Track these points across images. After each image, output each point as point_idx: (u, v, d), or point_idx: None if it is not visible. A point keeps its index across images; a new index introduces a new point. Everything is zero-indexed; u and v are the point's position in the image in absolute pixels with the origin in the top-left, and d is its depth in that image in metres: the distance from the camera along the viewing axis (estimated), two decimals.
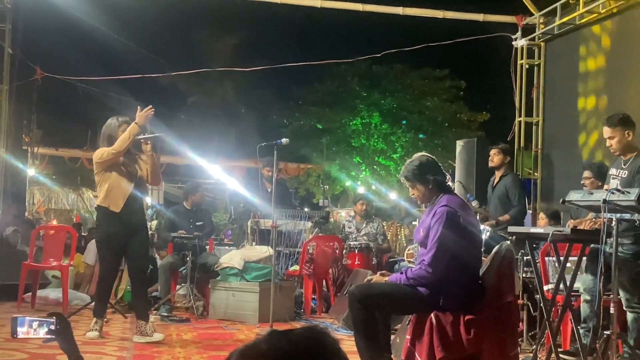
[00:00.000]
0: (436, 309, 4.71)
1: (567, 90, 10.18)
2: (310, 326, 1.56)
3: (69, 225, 11.80)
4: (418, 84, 27.99)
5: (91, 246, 10.77)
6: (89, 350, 6.23)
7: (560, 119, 10.38)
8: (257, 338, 1.55)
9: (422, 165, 5.03)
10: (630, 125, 6.00)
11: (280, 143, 7.89)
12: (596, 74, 9.49)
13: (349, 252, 10.03)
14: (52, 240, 9.55)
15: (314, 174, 27.88)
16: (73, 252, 9.66)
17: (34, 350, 6.14)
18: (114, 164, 6.87)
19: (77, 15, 13.65)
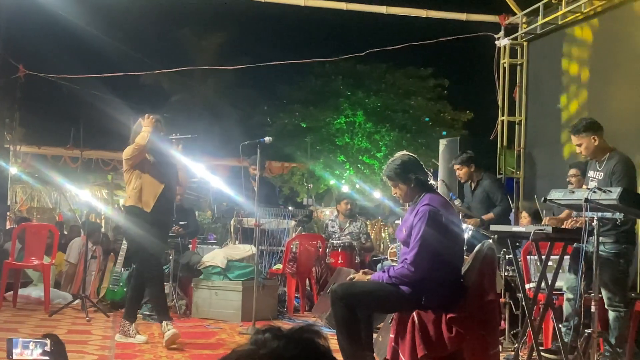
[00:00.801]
0: (418, 307, 4.72)
1: (549, 89, 10.21)
2: (304, 326, 1.55)
3: (50, 224, 11.73)
4: (402, 83, 28.05)
5: (74, 244, 10.72)
6: (71, 349, 6.19)
7: (542, 118, 10.41)
8: (250, 343, 1.52)
9: (404, 164, 5.03)
10: (595, 130, 6.05)
11: (264, 142, 7.89)
12: (578, 73, 9.52)
13: (332, 250, 10.04)
14: (33, 238, 9.50)
15: (298, 172, 27.87)
16: (55, 251, 9.62)
17: None
18: (145, 162, 6.82)
19: (60, 13, 13.58)
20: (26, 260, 9.33)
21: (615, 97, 8.64)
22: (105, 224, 18.88)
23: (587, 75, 9.32)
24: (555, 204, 5.77)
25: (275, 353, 1.46)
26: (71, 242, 10.91)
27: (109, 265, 9.97)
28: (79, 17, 15.31)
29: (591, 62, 9.25)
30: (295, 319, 8.81)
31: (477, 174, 8.66)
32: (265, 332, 1.51)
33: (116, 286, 9.08)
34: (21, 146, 17.75)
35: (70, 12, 14.12)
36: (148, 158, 6.86)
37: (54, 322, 7.79)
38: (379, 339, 5.70)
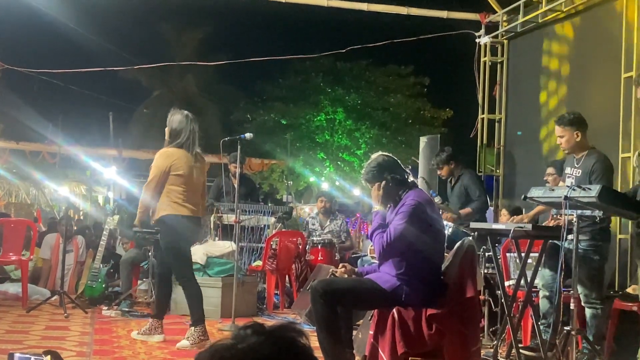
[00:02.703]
0: (398, 304, 4.73)
1: (529, 87, 10.25)
2: (286, 325, 1.54)
3: (28, 220, 11.64)
4: (382, 80, 28.12)
5: (48, 240, 10.62)
6: (48, 345, 6.15)
7: (522, 116, 10.46)
8: (231, 338, 1.51)
9: (380, 165, 5.03)
10: (579, 125, 6.09)
11: (244, 138, 7.87)
12: (558, 71, 9.57)
13: (312, 247, 10.03)
14: (11, 234, 9.42)
15: (277, 169, 27.87)
16: (33, 247, 9.54)
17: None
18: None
19: (39, 7, 13.48)
20: (4, 256, 9.25)
21: (594, 95, 8.69)
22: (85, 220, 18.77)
23: (567, 73, 9.36)
24: (535, 201, 5.80)
25: (253, 349, 1.45)
26: (45, 238, 10.83)
27: (88, 261, 9.91)
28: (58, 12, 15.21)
29: (571, 60, 9.30)
30: (275, 315, 8.80)
31: (457, 170, 8.70)
32: (247, 328, 1.51)
33: (94, 282, 9.02)
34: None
35: (49, 6, 14.02)
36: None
37: (32, 318, 7.73)
38: (358, 336, 5.70)
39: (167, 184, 6.48)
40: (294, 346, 1.49)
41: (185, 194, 6.51)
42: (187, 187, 6.53)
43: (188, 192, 6.54)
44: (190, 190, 6.58)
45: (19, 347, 6.03)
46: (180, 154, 6.56)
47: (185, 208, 6.50)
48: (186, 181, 6.53)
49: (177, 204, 6.48)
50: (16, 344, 6.18)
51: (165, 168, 6.47)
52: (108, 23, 25.21)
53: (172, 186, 6.48)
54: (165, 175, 6.47)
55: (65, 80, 19.10)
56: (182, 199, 6.49)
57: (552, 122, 6.84)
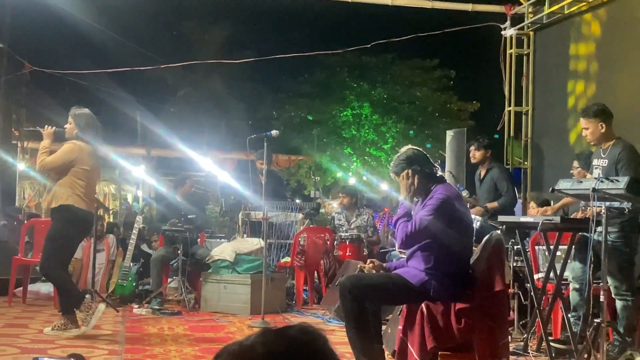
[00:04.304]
0: (427, 299, 4.72)
1: (556, 79, 10.19)
2: (305, 327, 1.54)
3: None
4: (408, 74, 28.01)
5: None
6: (80, 344, 6.23)
7: (550, 108, 10.40)
8: (251, 339, 1.52)
9: (409, 158, 5.02)
10: (604, 117, 6.06)
11: (270, 135, 7.90)
12: (585, 62, 9.50)
13: (340, 243, 10.04)
14: (42, 234, 9.50)
15: (304, 165, 27.90)
16: None
17: (24, 345, 6.13)
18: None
19: (65, 8, 13.60)
20: (35, 256, 9.35)
21: (624, 85, 8.62)
22: (113, 219, 18.92)
23: (594, 64, 9.30)
24: (563, 194, 5.77)
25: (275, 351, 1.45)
26: None
27: (118, 260, 9.99)
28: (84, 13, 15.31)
29: (598, 51, 9.24)
30: (304, 311, 8.82)
31: (489, 162, 8.66)
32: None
33: (125, 281, 9.10)
34: (28, 142, 17.77)
35: (74, 7, 14.14)
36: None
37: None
38: (387, 331, 5.71)
39: (72, 175, 6.68)
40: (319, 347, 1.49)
41: (86, 188, 6.76)
42: (88, 181, 6.79)
43: (89, 187, 6.81)
44: (91, 185, 6.88)
45: (51, 346, 6.10)
46: (89, 149, 6.81)
47: (84, 202, 6.73)
48: (89, 176, 6.79)
49: (79, 197, 6.68)
50: (49, 343, 6.25)
51: (71, 160, 6.69)
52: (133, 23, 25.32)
53: (77, 179, 6.70)
54: (67, 167, 6.69)
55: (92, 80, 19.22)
56: (84, 192, 6.73)
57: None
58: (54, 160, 6.72)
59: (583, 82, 9.48)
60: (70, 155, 6.70)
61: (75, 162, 6.68)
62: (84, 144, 6.77)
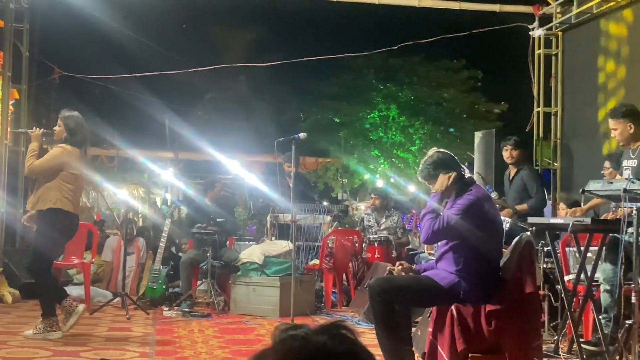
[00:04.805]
0: (457, 301, 4.71)
1: (585, 79, 10.12)
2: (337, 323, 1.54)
3: (89, 223, 11.86)
4: (435, 75, 27.92)
5: (109, 243, 10.84)
6: (112, 347, 6.28)
7: (579, 109, 10.33)
8: (302, 337, 1.50)
9: (435, 162, 5.02)
10: (632, 117, 6.03)
11: (298, 138, 7.91)
12: (614, 62, 9.43)
13: (369, 245, 10.03)
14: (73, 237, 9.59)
15: (332, 167, 27.91)
16: (95, 249, 9.73)
17: (56, 347, 6.19)
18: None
19: (93, 14, 13.71)
20: (66, 259, 9.45)
21: None
22: (142, 222, 19.05)
23: (624, 63, 9.23)
24: (594, 195, 5.74)
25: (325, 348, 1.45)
26: (106, 241, 11.04)
27: (148, 263, 10.06)
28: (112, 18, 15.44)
29: (629, 50, 9.16)
30: (332, 313, 8.83)
31: (520, 162, 8.58)
32: (295, 328, 1.51)
33: (155, 283, 9.17)
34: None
35: (102, 12, 14.25)
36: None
37: (95, 320, 7.87)
38: (417, 333, 5.70)
39: (60, 179, 6.73)
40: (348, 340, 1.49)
41: (74, 192, 6.82)
42: (76, 185, 6.86)
43: (76, 191, 6.88)
44: (78, 188, 6.94)
45: (83, 348, 6.16)
46: (77, 153, 6.87)
47: (72, 205, 6.79)
48: (77, 180, 6.86)
49: (67, 199, 6.74)
50: (81, 345, 6.31)
51: (59, 164, 6.75)
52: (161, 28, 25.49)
53: (65, 183, 6.75)
54: (55, 170, 6.74)
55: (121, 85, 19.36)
56: (72, 196, 6.79)
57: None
58: (42, 164, 6.78)
59: (612, 82, 9.41)
60: (58, 159, 6.76)
61: (63, 166, 6.74)
62: (72, 148, 6.83)
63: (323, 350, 1.44)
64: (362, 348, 1.49)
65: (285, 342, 1.47)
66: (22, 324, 6.92)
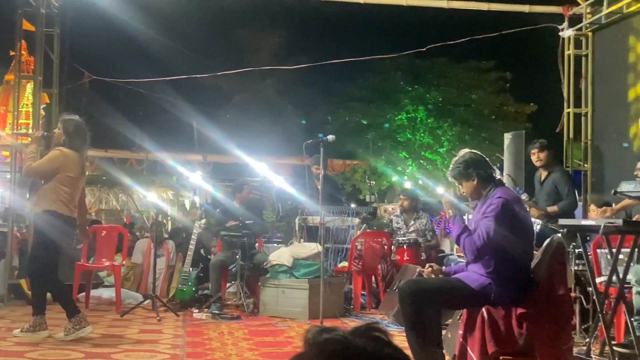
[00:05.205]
0: (487, 303, 4.69)
1: (616, 80, 10.03)
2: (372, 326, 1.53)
3: (120, 226, 11.96)
4: (463, 76, 27.82)
5: (139, 245, 10.92)
6: (142, 349, 6.32)
7: (609, 110, 10.24)
8: (347, 337, 1.49)
9: (466, 162, 5.01)
10: None
11: (326, 140, 7.91)
12: None
13: (398, 247, 10.01)
14: (104, 240, 9.70)
15: (359, 170, 27.87)
16: (125, 252, 9.79)
17: (88, 349, 6.24)
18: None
19: (123, 18, 13.82)
20: (97, 262, 9.53)
21: None
22: (171, 225, 19.15)
23: None
24: (626, 196, 5.69)
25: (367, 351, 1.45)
26: (136, 243, 11.13)
27: (178, 265, 10.12)
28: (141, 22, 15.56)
29: None
30: (362, 316, 8.82)
31: (550, 164, 8.52)
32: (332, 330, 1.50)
33: (185, 286, 9.21)
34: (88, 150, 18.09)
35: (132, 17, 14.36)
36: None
37: (126, 322, 7.93)
38: (447, 335, 5.68)
39: (56, 181, 6.76)
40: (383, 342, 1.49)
41: (70, 195, 6.82)
42: (73, 188, 6.86)
43: (73, 194, 6.87)
44: (76, 192, 6.92)
45: (114, 350, 6.21)
46: (75, 157, 6.87)
47: (67, 208, 6.80)
48: (74, 183, 6.86)
49: (62, 202, 6.75)
50: (112, 347, 6.35)
51: (56, 167, 6.77)
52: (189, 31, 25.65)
53: (62, 185, 6.77)
54: (52, 173, 6.76)
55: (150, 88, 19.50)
56: (68, 199, 6.80)
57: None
58: (39, 166, 6.85)
59: None
60: (56, 162, 6.79)
61: (60, 169, 6.77)
62: (70, 151, 6.85)
63: (364, 353, 1.44)
64: (400, 351, 1.49)
65: (323, 346, 1.46)
66: (53, 326, 6.97)
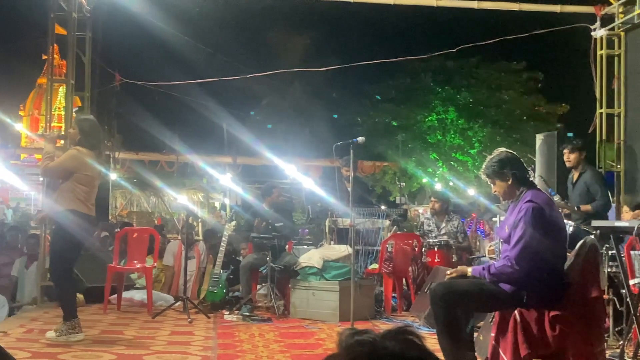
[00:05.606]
0: (520, 305, 4.66)
1: None
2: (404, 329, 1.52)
3: (151, 228, 12.03)
4: (494, 77, 27.69)
5: (170, 248, 10.98)
6: (174, 350, 6.34)
7: None
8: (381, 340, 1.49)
9: (502, 161, 4.97)
10: None
11: (357, 142, 7.89)
12: None
13: (429, 249, 9.96)
14: (135, 242, 9.75)
15: (389, 171, 27.84)
16: (156, 254, 9.84)
17: (120, 351, 6.27)
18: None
19: (153, 22, 13.91)
20: (129, 264, 9.59)
21: None
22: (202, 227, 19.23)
23: None
24: None
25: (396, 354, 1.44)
26: (168, 245, 11.19)
27: (208, 267, 10.15)
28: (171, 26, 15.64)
29: None
30: (393, 318, 8.79)
31: (582, 165, 8.46)
32: (364, 333, 1.50)
33: (216, 288, 9.24)
34: (120, 152, 18.23)
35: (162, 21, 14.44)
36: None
37: (157, 324, 7.96)
38: (479, 338, 5.65)
39: (74, 181, 6.78)
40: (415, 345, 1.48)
41: (88, 194, 6.86)
42: (90, 187, 6.89)
43: (90, 192, 6.91)
44: (92, 190, 6.95)
45: (146, 352, 6.24)
46: (91, 155, 6.90)
47: (86, 206, 6.83)
48: (91, 182, 6.90)
49: (80, 201, 6.78)
50: (144, 349, 6.39)
51: (72, 167, 6.78)
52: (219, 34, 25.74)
53: (79, 184, 6.80)
54: (69, 172, 6.78)
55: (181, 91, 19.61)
56: (85, 197, 6.83)
57: None
58: (56, 165, 6.88)
59: None
60: (73, 161, 6.82)
61: (77, 169, 6.80)
62: (86, 151, 6.88)
63: (391, 355, 1.43)
64: (430, 354, 1.48)
65: (352, 348, 1.47)
66: (86, 328, 7.02)
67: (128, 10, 12.13)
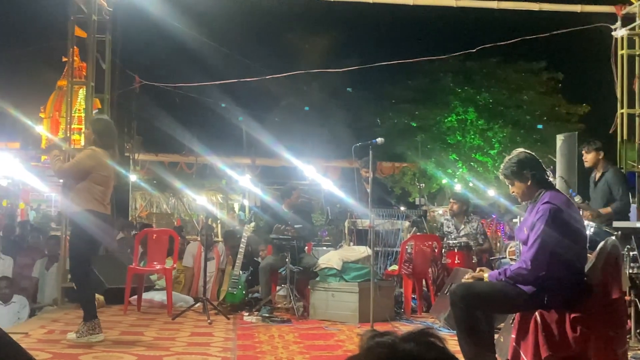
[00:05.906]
0: (540, 307, 4.63)
1: None
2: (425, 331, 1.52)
3: (171, 229, 12.06)
4: (513, 77, 27.56)
5: (190, 249, 11.01)
6: (194, 352, 6.35)
7: None
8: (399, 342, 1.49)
9: (521, 161, 4.95)
10: None
11: (376, 143, 7.87)
12: None
13: (448, 251, 9.93)
14: (155, 243, 9.78)
15: (409, 172, 27.78)
16: (176, 255, 9.87)
17: (140, 352, 6.29)
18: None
19: (172, 24, 13.95)
20: (149, 265, 9.62)
21: None
22: (221, 228, 19.28)
23: None
24: None
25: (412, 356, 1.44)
26: (187, 246, 11.22)
27: (228, 268, 10.17)
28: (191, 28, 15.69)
29: None
30: (413, 320, 8.76)
31: (602, 165, 8.41)
32: (383, 335, 1.50)
33: (235, 289, 9.24)
34: (139, 154, 18.29)
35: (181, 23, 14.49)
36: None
37: (177, 325, 7.98)
38: (500, 340, 5.62)
39: (90, 181, 6.79)
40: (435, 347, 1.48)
41: (104, 193, 6.89)
42: (106, 187, 6.92)
43: (106, 192, 6.94)
44: (108, 190, 6.98)
45: (166, 353, 6.25)
46: (106, 155, 6.93)
47: (103, 206, 6.86)
48: (107, 181, 6.92)
49: (97, 201, 6.81)
50: (164, 350, 6.40)
51: (89, 167, 6.79)
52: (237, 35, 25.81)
53: (95, 184, 6.82)
54: (85, 172, 6.78)
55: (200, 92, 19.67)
56: (102, 197, 6.86)
57: None
58: (72, 166, 6.91)
59: None
60: (89, 161, 6.84)
61: (94, 168, 6.82)
62: (101, 151, 6.91)
63: (411, 357, 1.43)
64: (451, 356, 1.47)
65: (373, 349, 1.46)
66: (106, 329, 7.05)
67: (147, 12, 12.18)
